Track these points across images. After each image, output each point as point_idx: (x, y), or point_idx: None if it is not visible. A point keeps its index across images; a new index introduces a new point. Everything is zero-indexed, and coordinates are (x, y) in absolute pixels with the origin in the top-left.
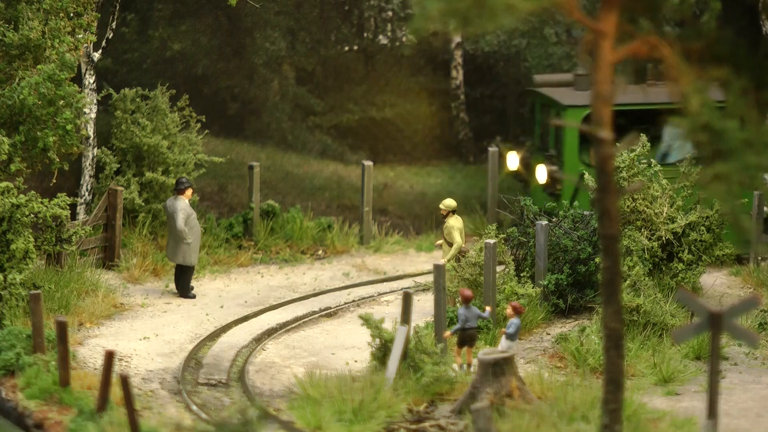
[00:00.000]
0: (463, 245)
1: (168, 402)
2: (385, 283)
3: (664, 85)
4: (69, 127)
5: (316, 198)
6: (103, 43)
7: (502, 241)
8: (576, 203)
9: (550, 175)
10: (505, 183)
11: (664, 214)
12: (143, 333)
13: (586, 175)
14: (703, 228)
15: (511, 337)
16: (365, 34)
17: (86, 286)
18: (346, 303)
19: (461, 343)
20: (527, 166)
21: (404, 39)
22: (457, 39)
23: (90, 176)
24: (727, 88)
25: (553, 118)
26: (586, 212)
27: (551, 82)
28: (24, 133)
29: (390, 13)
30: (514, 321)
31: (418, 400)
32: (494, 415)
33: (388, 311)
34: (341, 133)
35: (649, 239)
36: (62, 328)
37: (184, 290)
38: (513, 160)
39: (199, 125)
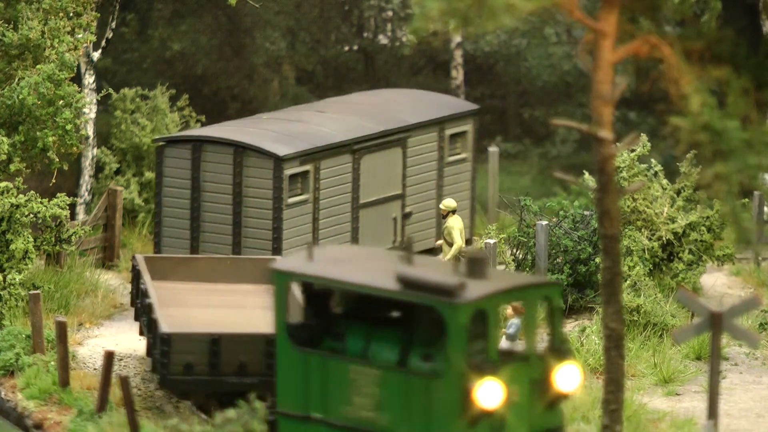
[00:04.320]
0: (463, 246)
1: (167, 402)
2: None
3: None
4: (68, 127)
5: None
6: (103, 43)
7: (503, 241)
8: None
9: None
10: (506, 183)
11: (665, 214)
12: None
13: (586, 175)
14: (703, 228)
15: (511, 337)
16: (365, 34)
17: (86, 286)
18: None
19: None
20: None
21: (404, 39)
22: (457, 39)
23: (90, 176)
24: (727, 88)
25: None
26: (587, 212)
27: None
28: (23, 133)
29: (390, 13)
30: (514, 321)
31: None
32: None
33: None
34: None
35: (650, 239)
36: (62, 329)
37: None
38: None
39: (199, 125)
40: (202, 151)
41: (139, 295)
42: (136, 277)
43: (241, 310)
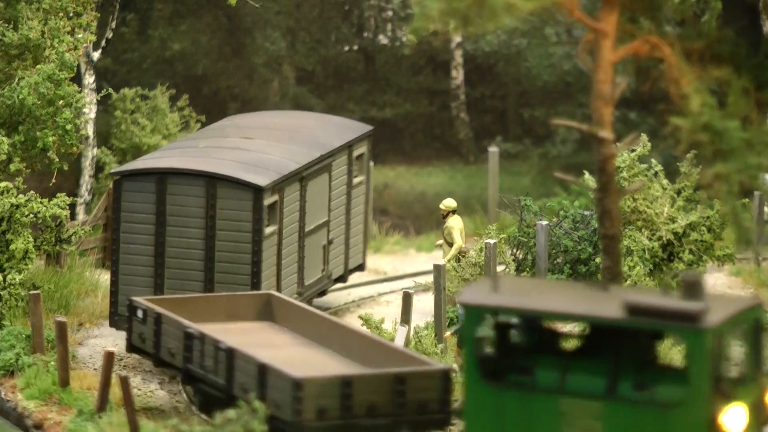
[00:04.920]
0: (464, 245)
1: (167, 402)
2: (385, 283)
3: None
4: (68, 126)
5: None
6: (103, 43)
7: (503, 241)
8: None
9: None
10: (506, 183)
11: (665, 214)
12: None
13: (586, 175)
14: (703, 228)
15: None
16: (365, 34)
17: (86, 287)
18: (346, 303)
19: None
20: None
21: (404, 39)
22: (457, 39)
23: (90, 176)
24: (727, 88)
25: None
26: (587, 212)
27: None
28: (23, 133)
29: (390, 13)
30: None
31: None
32: None
33: (388, 311)
34: None
35: (650, 239)
36: (62, 329)
37: None
38: None
39: (199, 125)
40: (168, 184)
41: (162, 341)
42: (155, 322)
43: (280, 349)
